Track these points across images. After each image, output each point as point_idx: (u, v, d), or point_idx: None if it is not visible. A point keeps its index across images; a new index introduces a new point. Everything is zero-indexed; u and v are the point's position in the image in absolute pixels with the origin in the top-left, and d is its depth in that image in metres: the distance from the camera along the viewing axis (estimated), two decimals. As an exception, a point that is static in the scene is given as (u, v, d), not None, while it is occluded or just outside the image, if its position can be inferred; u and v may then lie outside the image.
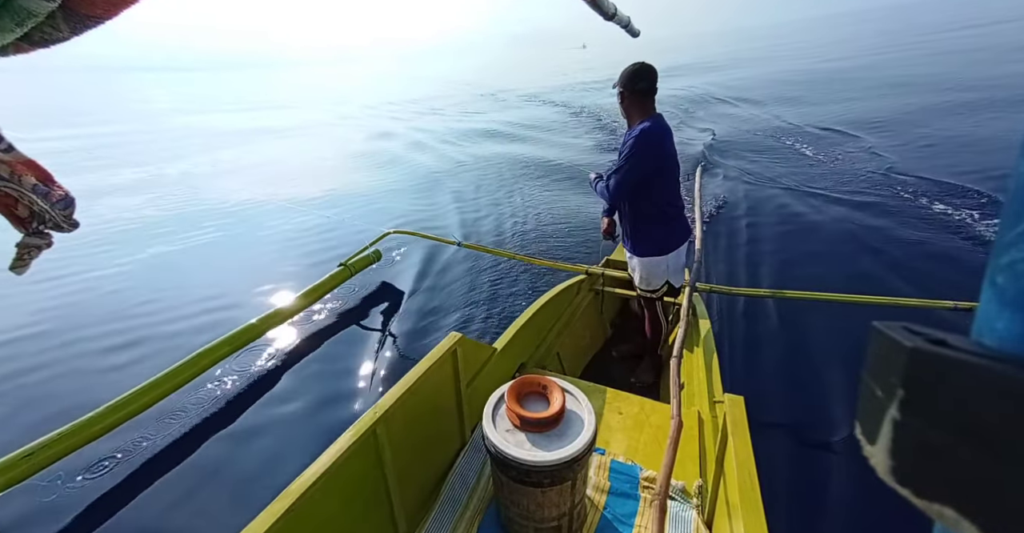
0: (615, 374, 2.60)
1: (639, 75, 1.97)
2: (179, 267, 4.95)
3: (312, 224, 5.78)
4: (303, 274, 4.43)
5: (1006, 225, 0.18)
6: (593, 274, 2.78)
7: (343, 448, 1.22)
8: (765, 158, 6.79)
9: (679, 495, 1.52)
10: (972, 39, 18.95)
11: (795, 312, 3.14)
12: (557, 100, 15.49)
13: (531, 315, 2.24)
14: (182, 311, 4.01)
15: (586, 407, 1.28)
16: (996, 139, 6.38)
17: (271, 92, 33.68)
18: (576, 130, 10.34)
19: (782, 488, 1.97)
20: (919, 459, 0.17)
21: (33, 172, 0.59)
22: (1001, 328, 0.18)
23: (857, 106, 9.54)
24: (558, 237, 4.86)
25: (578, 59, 46.96)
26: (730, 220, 4.82)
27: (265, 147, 11.87)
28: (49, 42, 0.43)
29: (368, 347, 3.28)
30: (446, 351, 1.61)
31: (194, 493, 2.25)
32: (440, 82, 30.12)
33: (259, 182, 8.36)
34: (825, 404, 2.42)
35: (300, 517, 1.09)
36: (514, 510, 1.31)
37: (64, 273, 4.88)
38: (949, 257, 3.73)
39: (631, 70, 1.98)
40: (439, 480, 1.64)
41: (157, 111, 23.50)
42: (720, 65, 22.15)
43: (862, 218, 4.56)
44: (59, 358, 3.42)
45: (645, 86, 1.98)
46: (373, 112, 17.19)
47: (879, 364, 0.19)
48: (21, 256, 0.63)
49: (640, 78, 1.97)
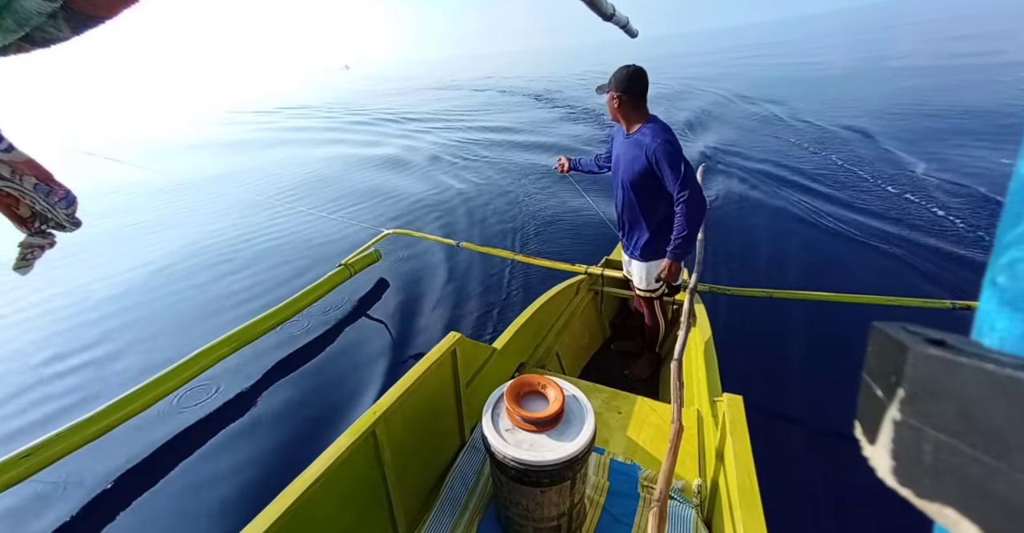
0: (614, 374, 2.60)
1: (636, 77, 1.96)
2: (179, 266, 4.95)
3: (312, 224, 5.78)
4: (303, 274, 4.43)
5: (1006, 225, 0.18)
6: (592, 274, 2.78)
7: (342, 448, 1.22)
8: (764, 158, 6.79)
9: (678, 494, 1.52)
10: (972, 29, 18.90)
11: (794, 312, 3.14)
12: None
13: (530, 315, 2.23)
14: (181, 310, 4.02)
15: (585, 407, 1.28)
16: (997, 139, 6.39)
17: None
18: (576, 130, 10.33)
19: (781, 487, 1.96)
20: (919, 459, 0.17)
21: (34, 171, 0.59)
22: (1001, 328, 0.18)
23: (858, 106, 9.55)
24: (557, 237, 4.86)
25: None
26: (730, 220, 4.82)
27: (265, 147, 11.87)
28: (50, 42, 0.43)
29: (367, 347, 3.28)
30: (445, 351, 1.61)
31: (193, 493, 2.25)
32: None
33: (259, 182, 8.36)
34: (824, 404, 2.43)
35: (300, 517, 1.09)
36: (513, 510, 1.31)
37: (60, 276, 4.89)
38: (949, 257, 3.74)
39: (627, 73, 1.96)
40: (438, 480, 1.64)
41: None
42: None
43: (862, 218, 4.56)
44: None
45: (642, 87, 1.98)
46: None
47: (879, 364, 0.19)
48: (24, 256, 0.63)
49: (638, 80, 1.96)
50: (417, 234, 3.94)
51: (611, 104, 2.05)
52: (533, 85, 21.39)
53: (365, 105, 19.50)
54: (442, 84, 27.76)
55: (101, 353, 3.49)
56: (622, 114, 2.05)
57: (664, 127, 1.97)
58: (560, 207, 5.66)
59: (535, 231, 5.07)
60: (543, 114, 12.91)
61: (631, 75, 1.96)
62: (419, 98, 20.83)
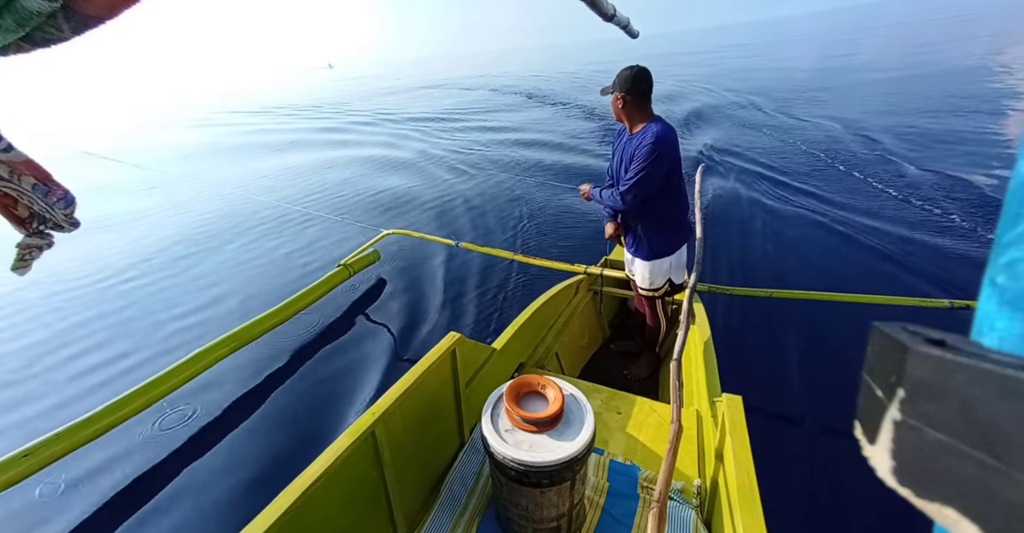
0: (614, 374, 2.60)
1: (640, 77, 1.97)
2: (178, 266, 4.95)
3: (311, 224, 5.78)
4: (303, 274, 4.43)
5: (1005, 225, 0.18)
6: (592, 274, 2.78)
7: (342, 448, 1.22)
8: (764, 159, 6.79)
9: (678, 495, 1.52)
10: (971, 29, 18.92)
11: (794, 312, 3.14)
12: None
13: (530, 315, 2.23)
14: (181, 310, 4.01)
15: (585, 407, 1.28)
16: (997, 139, 6.40)
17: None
18: (574, 129, 10.33)
19: (781, 488, 1.97)
20: (919, 459, 0.17)
21: (32, 172, 0.59)
22: (1001, 328, 0.18)
23: (858, 107, 9.56)
24: (557, 237, 4.86)
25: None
26: (730, 220, 4.82)
27: (265, 147, 11.86)
28: (50, 42, 0.43)
29: (367, 347, 3.28)
30: (445, 351, 1.60)
31: (193, 493, 2.25)
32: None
33: (259, 182, 8.36)
34: (824, 404, 2.43)
35: (299, 517, 1.09)
36: (513, 510, 1.31)
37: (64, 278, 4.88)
38: (948, 257, 3.74)
39: (631, 74, 1.97)
40: (438, 480, 1.64)
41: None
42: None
43: (862, 218, 4.56)
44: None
45: (646, 88, 1.99)
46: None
47: (879, 364, 0.19)
48: (22, 256, 0.63)
49: (641, 80, 1.97)
50: (416, 234, 3.94)
51: (615, 104, 2.06)
52: (525, 83, 21.40)
53: (358, 105, 19.45)
54: (434, 82, 27.66)
55: (99, 357, 3.49)
56: (626, 114, 2.06)
57: (666, 128, 1.97)
58: (559, 207, 5.66)
59: (534, 231, 5.07)
60: (540, 113, 12.91)
61: (635, 75, 1.97)
62: (413, 97, 20.83)
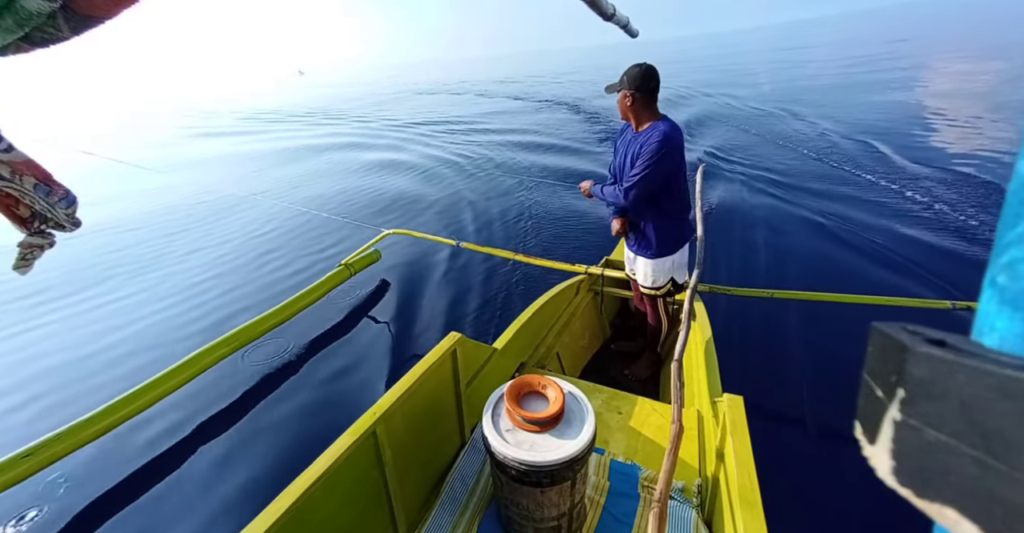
0: (614, 374, 2.60)
1: (648, 75, 1.96)
2: (178, 266, 4.95)
3: (312, 224, 5.78)
4: (303, 274, 4.43)
5: (1006, 225, 0.18)
6: (593, 274, 2.78)
7: (343, 448, 1.22)
8: (764, 159, 6.79)
9: (678, 494, 1.52)
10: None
11: (794, 312, 3.14)
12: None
13: (530, 315, 2.23)
14: (180, 309, 4.02)
15: (586, 407, 1.28)
16: (997, 139, 6.39)
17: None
18: (573, 129, 10.33)
19: (781, 487, 1.96)
20: (919, 459, 0.17)
21: (33, 172, 0.59)
22: (1001, 328, 0.18)
23: (858, 107, 9.55)
24: (557, 237, 4.86)
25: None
26: (731, 220, 4.82)
27: (262, 147, 11.87)
28: (49, 42, 0.43)
29: (367, 347, 3.28)
30: (446, 351, 1.61)
31: (193, 494, 2.25)
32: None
33: (259, 182, 8.36)
34: (824, 404, 2.42)
35: (300, 517, 1.09)
36: (514, 510, 1.31)
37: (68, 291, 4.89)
38: (948, 257, 3.74)
39: (639, 72, 1.97)
40: (439, 480, 1.64)
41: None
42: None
43: (862, 218, 4.56)
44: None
45: (654, 86, 1.98)
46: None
47: (879, 364, 0.19)
48: (24, 256, 0.64)
49: (650, 78, 1.97)
50: (417, 234, 3.94)
51: (623, 102, 2.04)
52: (521, 87, 21.37)
53: (348, 109, 19.41)
54: (432, 88, 27.67)
55: (100, 357, 3.49)
56: (633, 112, 2.04)
57: (672, 127, 1.97)
58: (560, 206, 5.66)
59: (535, 231, 5.07)
60: (541, 114, 12.92)
61: (644, 73, 1.96)
62: (410, 101, 20.81)
